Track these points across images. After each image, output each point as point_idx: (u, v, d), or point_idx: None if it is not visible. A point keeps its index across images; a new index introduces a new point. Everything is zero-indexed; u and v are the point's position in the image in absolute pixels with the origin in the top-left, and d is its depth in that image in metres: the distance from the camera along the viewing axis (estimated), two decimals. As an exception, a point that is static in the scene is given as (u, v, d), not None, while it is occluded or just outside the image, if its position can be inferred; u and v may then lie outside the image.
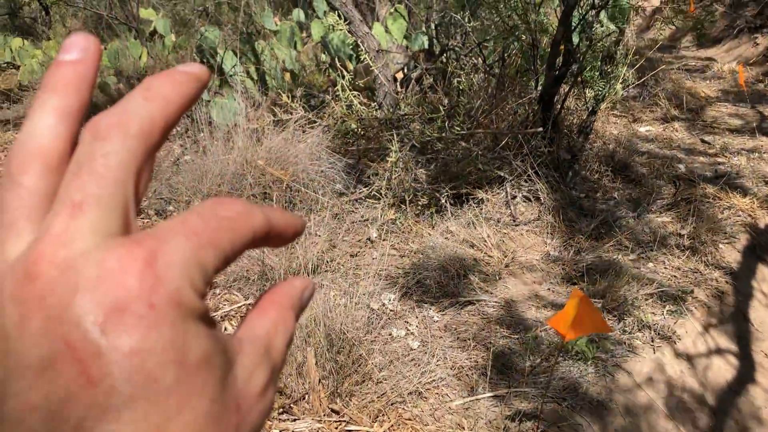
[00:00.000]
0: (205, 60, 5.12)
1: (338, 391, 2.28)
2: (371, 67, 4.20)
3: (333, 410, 2.23)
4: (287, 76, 5.34)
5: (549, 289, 2.95)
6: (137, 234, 0.22)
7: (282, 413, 2.20)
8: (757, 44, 6.99)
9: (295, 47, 5.62)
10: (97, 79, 0.26)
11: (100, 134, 0.23)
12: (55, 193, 0.23)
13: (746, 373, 2.71)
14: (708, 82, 5.79)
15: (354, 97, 4.21)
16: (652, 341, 2.64)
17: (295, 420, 2.17)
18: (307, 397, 2.25)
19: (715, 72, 6.01)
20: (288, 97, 4.31)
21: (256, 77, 5.19)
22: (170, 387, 0.20)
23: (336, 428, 2.15)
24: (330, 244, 3.26)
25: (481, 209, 3.53)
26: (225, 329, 2.38)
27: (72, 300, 0.19)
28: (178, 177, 3.77)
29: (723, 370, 2.69)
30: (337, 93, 4.09)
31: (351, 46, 4.98)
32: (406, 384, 2.36)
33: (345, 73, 4.15)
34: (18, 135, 0.24)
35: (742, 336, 2.87)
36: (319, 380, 2.28)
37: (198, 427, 0.20)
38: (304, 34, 6.10)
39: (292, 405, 2.22)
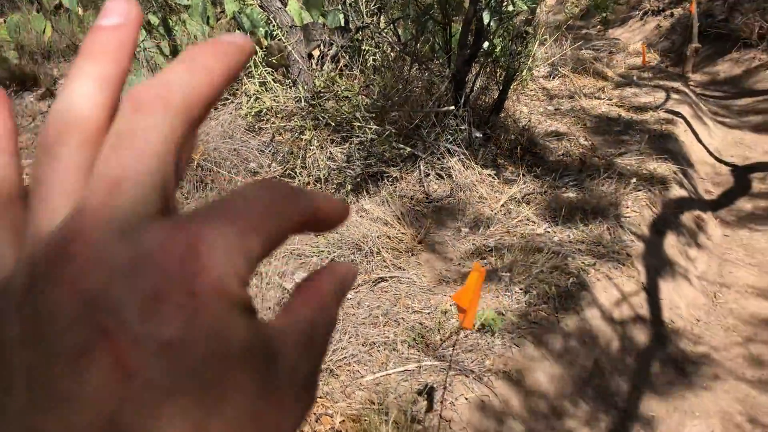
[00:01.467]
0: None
1: (248, 371, 2.26)
2: (284, 43, 4.14)
3: (243, 391, 2.21)
4: (199, 52, 5.17)
5: (459, 264, 3.02)
6: (178, 215, 0.21)
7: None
8: (660, 27, 7.31)
9: (208, 22, 5.46)
10: (137, 45, 0.24)
11: (141, 106, 0.21)
12: (92, 166, 0.21)
13: (650, 342, 2.87)
14: (615, 61, 6.01)
15: (268, 74, 4.14)
16: (557, 313, 2.74)
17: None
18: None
19: (622, 52, 6.24)
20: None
21: (168, 53, 5.03)
22: (210, 381, 0.19)
23: (246, 409, 2.14)
24: (242, 224, 3.22)
25: (395, 187, 3.56)
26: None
27: (109, 285, 0.18)
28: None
29: (626, 340, 2.83)
30: (250, 69, 4.01)
31: (264, 22, 4.88)
32: (317, 362, 2.37)
33: (258, 49, 4.07)
34: (54, 103, 0.23)
35: (641, 305, 3.02)
36: (229, 361, 2.26)
37: (239, 424, 0.19)
38: (218, 9, 5.94)
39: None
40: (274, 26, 4.20)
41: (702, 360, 2.88)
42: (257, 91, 4.04)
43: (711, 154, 4.61)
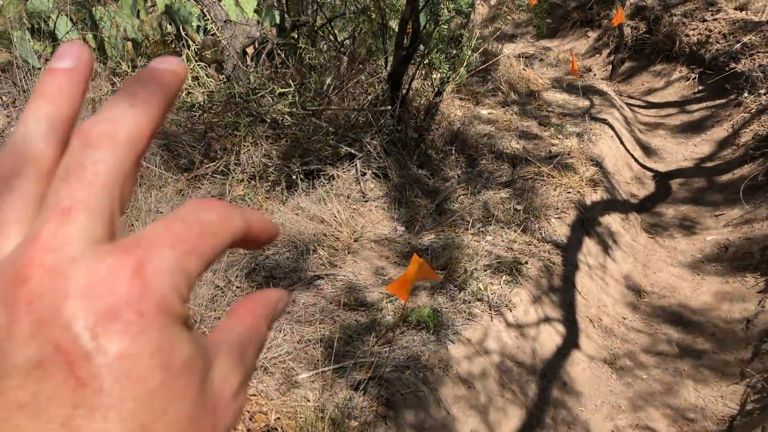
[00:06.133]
0: (35, 24, 4.70)
1: (179, 370, 2.19)
2: (218, 38, 4.06)
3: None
4: (129, 45, 5.02)
5: (395, 262, 3.02)
6: (124, 241, 0.23)
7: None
8: (588, 37, 7.56)
9: (138, 16, 5.30)
10: (89, 86, 0.26)
11: (89, 142, 0.23)
12: (45, 198, 0.23)
13: (571, 337, 2.94)
14: (544, 69, 6.17)
15: (201, 69, 4.05)
16: (490, 309, 2.78)
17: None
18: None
19: (551, 60, 6.42)
20: (128, 66, 4.07)
21: (94, 45, 4.84)
22: (156, 389, 0.21)
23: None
24: (173, 221, 3.13)
25: (332, 185, 3.54)
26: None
27: (62, 305, 0.20)
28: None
29: (552, 334, 2.90)
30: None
31: (198, 17, 4.78)
32: (251, 360, 2.32)
33: (191, 43, 3.98)
34: (10, 139, 0.25)
35: (570, 303, 3.11)
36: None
37: (180, 427, 0.21)
38: (149, 3, 5.78)
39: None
40: (207, 20, 4.11)
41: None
42: (189, 85, 3.94)
43: (635, 159, 4.79)
